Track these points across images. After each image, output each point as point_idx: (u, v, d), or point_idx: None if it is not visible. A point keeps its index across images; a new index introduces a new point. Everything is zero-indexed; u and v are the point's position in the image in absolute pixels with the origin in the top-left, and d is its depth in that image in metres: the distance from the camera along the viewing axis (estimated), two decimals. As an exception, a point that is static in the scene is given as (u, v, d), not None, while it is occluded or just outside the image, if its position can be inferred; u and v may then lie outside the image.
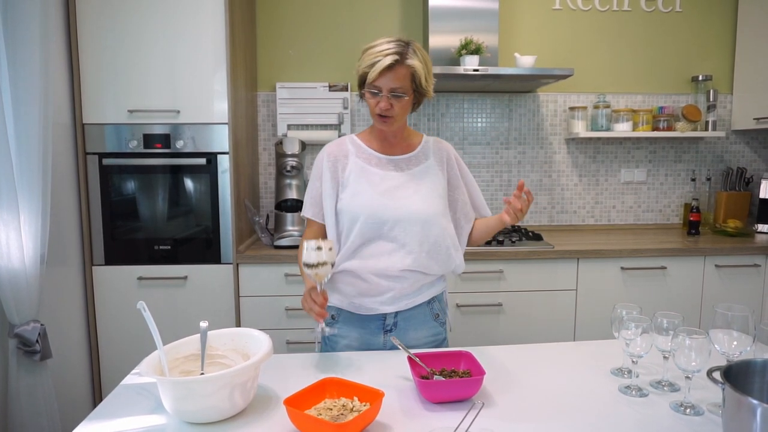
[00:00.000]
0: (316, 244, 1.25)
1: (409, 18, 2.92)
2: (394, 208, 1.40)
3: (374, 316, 1.47)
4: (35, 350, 1.78)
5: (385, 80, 1.33)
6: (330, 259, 1.27)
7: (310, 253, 1.26)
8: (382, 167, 1.45)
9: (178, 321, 2.35)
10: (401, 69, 1.33)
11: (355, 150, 1.48)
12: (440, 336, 1.55)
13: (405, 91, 1.36)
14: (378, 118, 1.40)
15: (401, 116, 1.41)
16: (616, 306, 1.23)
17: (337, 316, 1.50)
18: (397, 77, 1.33)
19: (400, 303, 1.46)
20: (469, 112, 3.00)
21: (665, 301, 2.50)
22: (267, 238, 2.57)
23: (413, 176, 1.46)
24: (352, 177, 1.44)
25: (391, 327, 1.48)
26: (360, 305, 1.46)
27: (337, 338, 1.51)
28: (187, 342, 1.20)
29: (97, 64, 2.26)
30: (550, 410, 1.10)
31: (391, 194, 1.42)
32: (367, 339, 1.48)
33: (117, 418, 1.07)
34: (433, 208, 1.44)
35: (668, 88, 3.07)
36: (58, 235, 2.15)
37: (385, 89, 1.34)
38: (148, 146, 2.32)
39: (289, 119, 2.87)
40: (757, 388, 0.96)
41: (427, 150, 1.51)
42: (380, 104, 1.36)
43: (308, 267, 1.26)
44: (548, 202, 3.08)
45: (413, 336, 1.49)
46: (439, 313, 1.54)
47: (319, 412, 1.03)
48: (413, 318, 1.49)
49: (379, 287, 1.43)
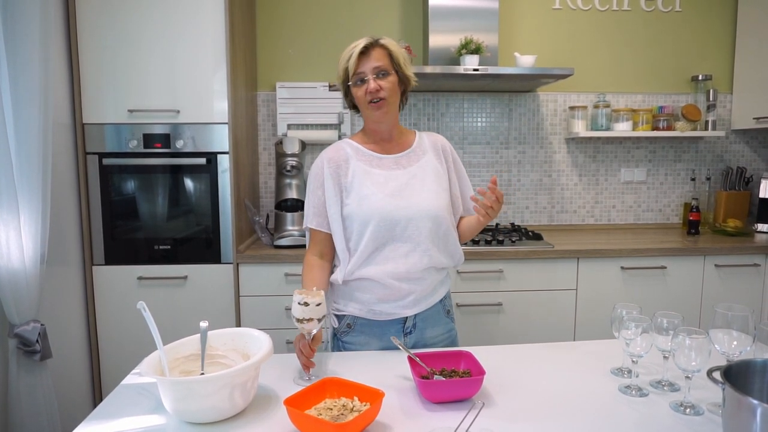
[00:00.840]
0: (302, 299, 1.21)
1: (408, 17, 2.92)
2: (405, 208, 1.39)
3: (394, 321, 1.45)
4: (35, 350, 1.78)
5: (366, 63, 1.36)
6: (316, 315, 1.22)
7: (296, 308, 1.22)
8: (384, 167, 1.44)
9: (178, 321, 2.35)
10: (377, 50, 1.38)
11: (354, 153, 1.46)
12: (453, 332, 1.55)
13: (388, 69, 1.38)
14: (371, 106, 1.39)
15: (392, 99, 1.41)
16: (616, 306, 1.23)
17: (353, 324, 1.47)
18: (377, 57, 1.37)
19: (421, 304, 1.45)
20: (469, 112, 3.00)
21: (665, 300, 2.50)
22: (267, 238, 2.57)
23: (416, 173, 1.45)
24: (356, 181, 1.41)
25: (411, 329, 1.46)
26: (380, 311, 1.43)
27: (352, 347, 1.48)
28: (187, 342, 1.20)
29: (97, 64, 2.26)
30: (550, 410, 1.10)
31: (400, 194, 1.40)
32: (387, 344, 1.44)
33: (117, 418, 1.07)
34: (440, 202, 1.44)
35: (668, 87, 3.07)
36: (59, 235, 2.15)
37: (369, 71, 1.37)
38: (148, 146, 2.32)
39: (289, 119, 2.87)
40: (757, 388, 0.96)
41: (423, 144, 1.51)
42: (369, 86, 1.36)
43: (295, 320, 1.23)
44: (548, 201, 3.08)
45: (430, 335, 1.49)
46: (450, 309, 1.55)
47: (320, 412, 1.03)
48: (430, 317, 1.49)
49: (400, 291, 1.41)
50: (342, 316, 1.48)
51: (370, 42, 1.37)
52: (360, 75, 1.37)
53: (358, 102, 1.42)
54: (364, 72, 1.36)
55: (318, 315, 1.23)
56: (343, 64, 1.39)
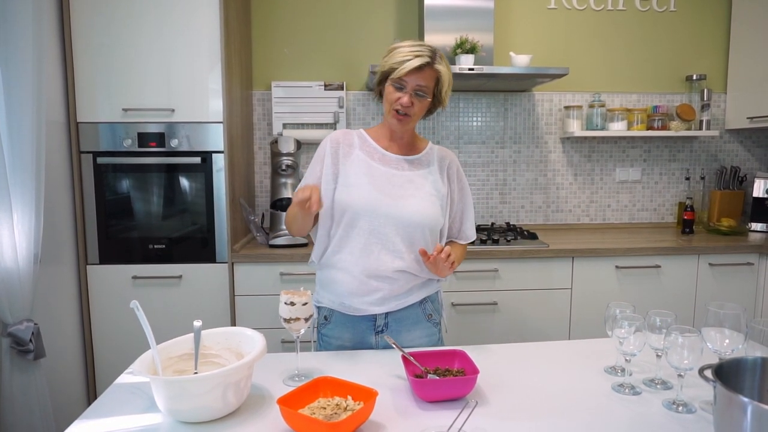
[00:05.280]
0: (289, 299, 1.21)
1: (404, 17, 2.92)
2: (388, 206, 1.40)
3: (365, 317, 1.47)
4: (29, 349, 1.78)
5: (413, 78, 1.36)
6: (303, 315, 1.22)
7: (283, 308, 1.22)
8: (385, 164, 1.45)
9: (173, 320, 2.34)
10: (429, 71, 1.37)
11: (360, 143, 1.48)
12: (434, 337, 1.54)
13: (427, 93, 1.40)
14: (395, 115, 1.40)
15: (417, 117, 1.43)
16: (609, 304, 1.23)
17: (330, 317, 1.50)
18: (425, 77, 1.37)
19: (390, 304, 1.45)
20: (465, 111, 3.00)
21: (660, 299, 2.51)
22: (262, 237, 2.56)
23: (414, 178, 1.45)
24: (353, 169, 1.43)
25: (383, 328, 1.48)
26: (350, 305, 1.45)
27: (330, 339, 1.51)
28: (181, 341, 1.20)
29: (92, 62, 2.25)
30: (544, 409, 1.10)
31: (389, 192, 1.41)
32: (359, 340, 1.48)
33: (110, 417, 1.07)
34: (427, 212, 1.43)
35: (663, 87, 3.08)
36: (53, 234, 2.14)
37: (411, 86, 1.37)
38: (142, 145, 2.31)
39: (285, 118, 2.87)
40: (748, 386, 0.97)
41: (431, 156, 1.52)
42: (403, 99, 1.37)
43: (282, 320, 1.23)
44: (543, 201, 3.09)
45: (406, 337, 1.49)
46: (432, 314, 1.53)
47: (313, 412, 1.03)
48: (405, 319, 1.48)
49: (368, 286, 1.42)
50: (320, 307, 1.52)
51: (428, 61, 1.36)
52: (402, 83, 1.37)
53: (385, 99, 1.42)
54: (406, 82, 1.37)
55: (305, 314, 1.23)
56: (392, 62, 1.37)
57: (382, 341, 1.47)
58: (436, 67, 1.38)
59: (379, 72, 1.42)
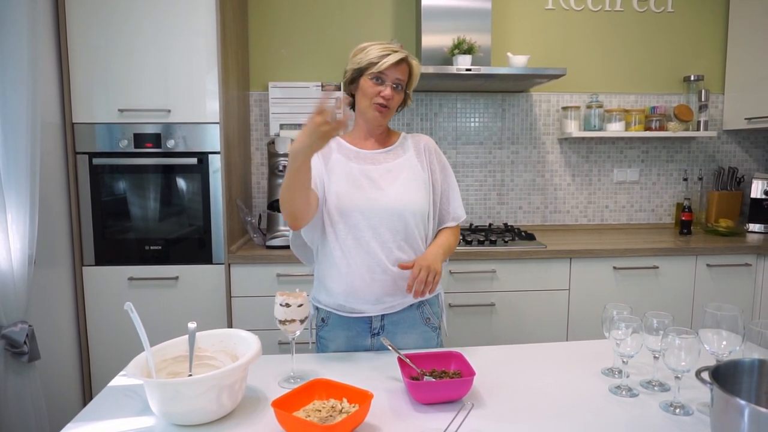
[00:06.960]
0: (284, 300, 1.20)
1: (401, 17, 2.92)
2: (368, 199, 1.42)
3: (361, 319, 1.46)
4: (23, 351, 1.77)
5: (392, 71, 1.43)
6: (299, 317, 1.21)
7: (278, 309, 1.21)
8: (360, 161, 1.48)
9: (170, 322, 2.33)
10: (405, 66, 1.46)
11: (337, 147, 1.51)
12: (432, 341, 1.53)
13: (403, 85, 1.47)
14: (377, 108, 1.44)
15: (394, 110, 1.48)
16: (606, 306, 1.22)
17: (327, 319, 1.50)
18: (402, 71, 1.45)
19: (385, 303, 1.44)
20: (462, 112, 3.00)
21: (657, 300, 2.51)
22: (259, 238, 2.56)
23: (392, 168, 1.48)
24: (334, 171, 1.46)
25: (378, 330, 1.47)
26: (348, 307, 1.45)
27: (327, 342, 1.51)
28: (175, 343, 1.19)
29: (87, 63, 2.24)
30: (541, 411, 1.10)
31: (368, 186, 1.43)
32: (355, 342, 1.48)
33: (103, 420, 1.06)
34: (409, 198, 1.44)
35: (660, 88, 3.08)
36: (48, 236, 2.13)
37: (391, 79, 1.43)
38: (138, 146, 2.31)
39: (282, 119, 2.86)
40: (745, 388, 0.96)
41: (405, 144, 1.54)
42: (385, 92, 1.42)
43: (278, 322, 1.23)
44: (541, 201, 3.09)
45: (402, 340, 1.48)
46: (431, 317, 1.53)
47: (308, 414, 1.02)
48: (402, 322, 1.48)
49: (363, 281, 1.42)
50: (318, 309, 1.52)
51: (405, 56, 1.44)
52: (382, 76, 1.42)
53: (363, 93, 1.44)
54: (387, 75, 1.42)
55: (300, 316, 1.22)
56: (369, 58, 1.41)
57: (378, 344, 1.47)
58: (410, 62, 1.46)
59: (351, 70, 1.46)
